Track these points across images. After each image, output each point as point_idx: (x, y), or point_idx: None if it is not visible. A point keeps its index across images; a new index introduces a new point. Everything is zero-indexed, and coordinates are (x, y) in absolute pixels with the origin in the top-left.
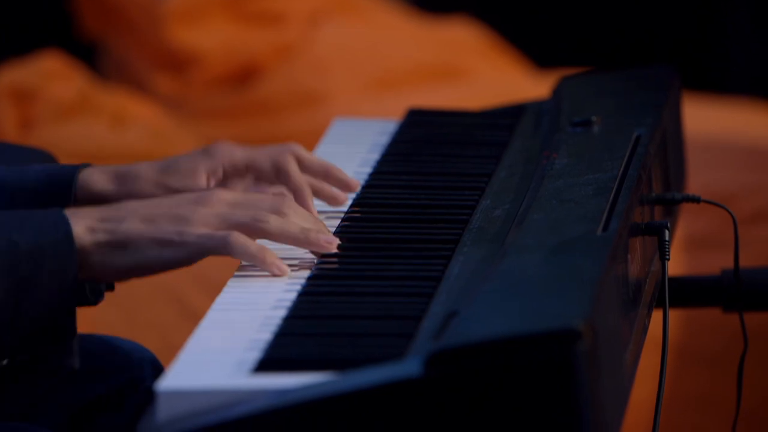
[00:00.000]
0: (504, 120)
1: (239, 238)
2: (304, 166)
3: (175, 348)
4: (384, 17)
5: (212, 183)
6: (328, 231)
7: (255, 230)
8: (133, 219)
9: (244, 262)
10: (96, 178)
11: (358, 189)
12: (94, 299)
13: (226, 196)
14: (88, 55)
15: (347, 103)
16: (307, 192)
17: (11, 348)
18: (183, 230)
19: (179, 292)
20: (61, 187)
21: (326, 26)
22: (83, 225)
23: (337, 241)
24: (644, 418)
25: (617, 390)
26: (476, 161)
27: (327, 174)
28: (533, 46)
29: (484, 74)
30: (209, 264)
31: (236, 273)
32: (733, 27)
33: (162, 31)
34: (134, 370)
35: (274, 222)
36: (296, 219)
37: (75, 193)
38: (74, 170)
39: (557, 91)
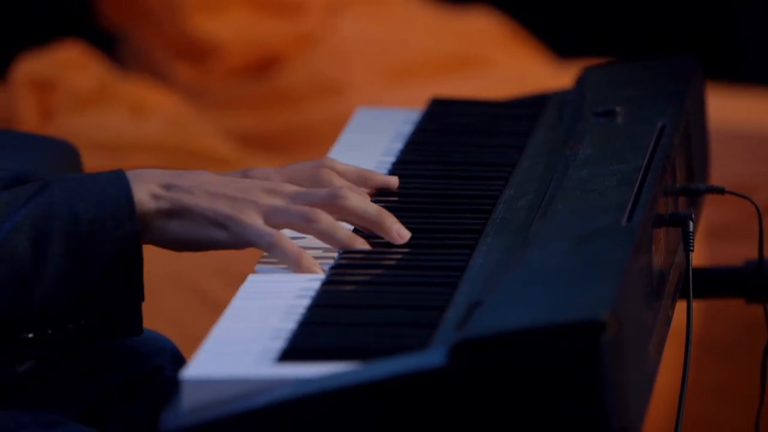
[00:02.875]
0: (527, 110)
1: (278, 242)
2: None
3: (194, 338)
4: (404, 7)
5: None
6: (391, 219)
7: (335, 204)
8: (197, 192)
9: None
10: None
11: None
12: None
13: (290, 187)
14: (108, 44)
15: (367, 94)
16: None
17: (77, 313)
18: (235, 217)
19: (199, 282)
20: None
21: (346, 16)
22: (146, 191)
23: (408, 235)
24: (666, 408)
25: (641, 381)
26: (499, 151)
27: (365, 181)
28: (553, 36)
29: (504, 64)
30: (229, 254)
31: (260, 261)
32: (750, 16)
33: (182, 20)
34: (154, 360)
35: (353, 197)
36: (356, 201)
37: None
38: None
39: (580, 81)
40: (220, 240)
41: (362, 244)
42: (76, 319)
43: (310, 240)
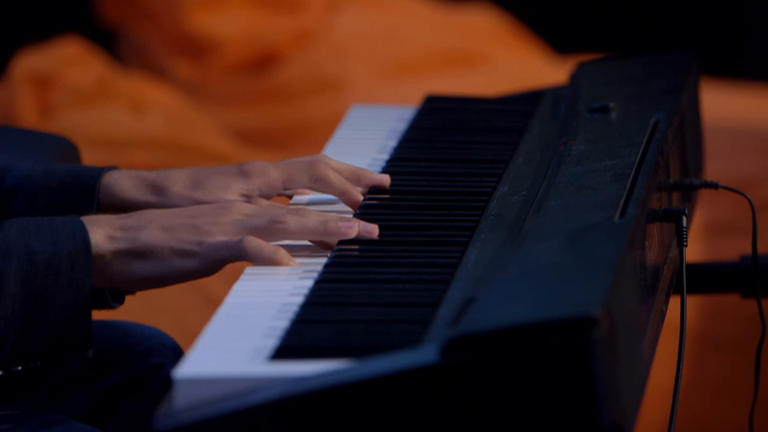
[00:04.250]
0: (522, 106)
1: (252, 242)
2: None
3: (192, 334)
4: (403, 3)
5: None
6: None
7: (274, 231)
8: (152, 228)
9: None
10: (124, 184)
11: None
12: (114, 304)
13: (243, 206)
14: (107, 40)
15: (366, 90)
16: (353, 190)
17: (25, 356)
18: (201, 240)
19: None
20: (84, 188)
21: (345, 12)
22: (102, 233)
23: (357, 223)
24: (662, 404)
25: (635, 376)
26: (494, 148)
27: (358, 179)
28: (552, 32)
29: (503, 60)
30: None
31: None
32: (750, 12)
33: (181, 16)
34: (155, 357)
35: (291, 220)
36: (313, 215)
37: (98, 195)
38: (99, 172)
39: (575, 78)
40: (188, 268)
41: (336, 229)
42: (26, 361)
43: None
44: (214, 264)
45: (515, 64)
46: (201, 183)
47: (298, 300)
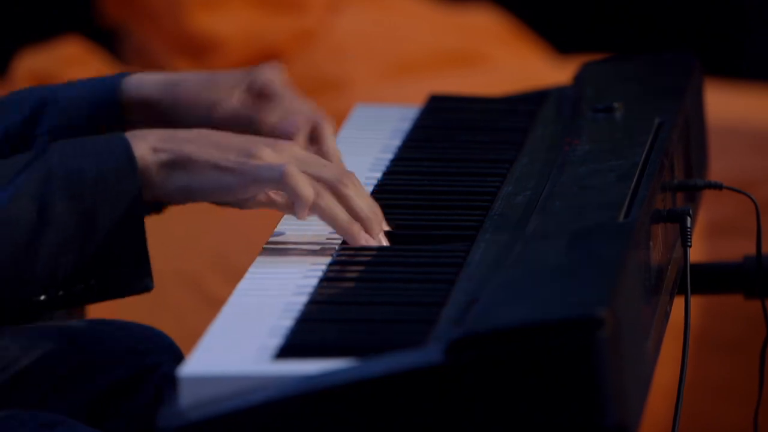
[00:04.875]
0: (526, 106)
1: (294, 173)
2: None
3: (193, 333)
4: (403, 3)
5: (247, 99)
6: (382, 219)
7: (337, 190)
8: (197, 141)
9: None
10: (146, 81)
11: (380, 175)
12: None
13: (298, 149)
14: (108, 40)
15: (367, 90)
16: (339, 159)
17: (84, 273)
18: (245, 161)
19: (198, 277)
20: (107, 91)
21: (346, 12)
22: (146, 146)
23: (377, 242)
24: (664, 404)
25: (639, 377)
26: (498, 147)
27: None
28: (552, 32)
29: (505, 60)
30: (228, 249)
31: (257, 258)
32: (750, 12)
33: (182, 16)
34: (153, 356)
35: (327, 201)
36: (356, 197)
37: (122, 95)
38: (120, 77)
39: (579, 78)
40: (228, 184)
41: (360, 235)
42: (85, 279)
43: (309, 235)
44: (252, 183)
45: (516, 64)
46: (211, 81)
47: (303, 299)
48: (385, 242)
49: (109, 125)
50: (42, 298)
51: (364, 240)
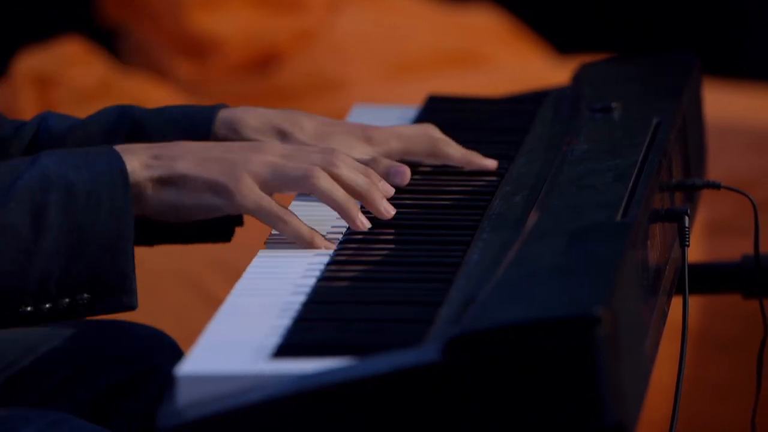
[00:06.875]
0: (524, 106)
1: (272, 207)
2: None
3: (193, 333)
4: (403, 3)
5: None
6: (380, 194)
7: (305, 187)
8: (187, 158)
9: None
10: (249, 122)
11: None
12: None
13: (278, 146)
14: (109, 40)
15: (367, 90)
16: (475, 157)
17: (71, 287)
18: (231, 185)
19: (197, 277)
20: (198, 127)
21: (346, 12)
22: (138, 161)
23: (394, 211)
24: (663, 403)
25: (637, 376)
26: (496, 147)
27: (469, 161)
28: (552, 32)
29: (504, 60)
30: (227, 248)
31: (256, 258)
32: (750, 12)
33: (183, 16)
34: (153, 356)
35: (323, 179)
36: (347, 171)
37: (216, 130)
38: (213, 110)
39: (577, 78)
40: (217, 204)
41: (355, 208)
42: (72, 293)
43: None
44: (238, 209)
45: (516, 64)
46: (327, 137)
47: (301, 298)
48: (392, 211)
49: None
50: (29, 309)
51: (361, 223)
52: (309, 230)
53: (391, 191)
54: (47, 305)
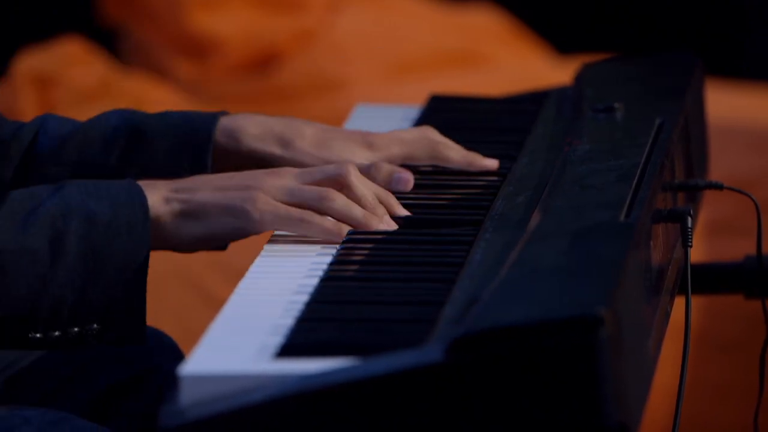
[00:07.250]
0: (526, 106)
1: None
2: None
3: (193, 333)
4: (403, 3)
5: None
6: (397, 203)
7: (321, 209)
8: (205, 189)
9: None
10: (250, 130)
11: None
12: None
13: (296, 171)
14: (109, 40)
15: (367, 90)
16: (476, 158)
17: (82, 316)
18: (250, 207)
19: (198, 277)
20: (199, 133)
21: (346, 12)
22: (158, 196)
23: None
24: (664, 404)
25: (640, 376)
26: (499, 147)
27: (470, 163)
28: (553, 32)
29: (505, 60)
30: (228, 249)
31: (258, 257)
32: (750, 12)
33: (183, 16)
34: (153, 356)
35: (339, 202)
36: (363, 190)
37: (216, 139)
38: (214, 117)
39: (579, 78)
40: (238, 226)
41: (378, 223)
42: (83, 323)
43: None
44: (261, 229)
45: (516, 64)
46: (328, 144)
47: (304, 298)
48: (404, 212)
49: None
50: (38, 335)
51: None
52: (334, 223)
53: (399, 210)
54: (56, 333)
